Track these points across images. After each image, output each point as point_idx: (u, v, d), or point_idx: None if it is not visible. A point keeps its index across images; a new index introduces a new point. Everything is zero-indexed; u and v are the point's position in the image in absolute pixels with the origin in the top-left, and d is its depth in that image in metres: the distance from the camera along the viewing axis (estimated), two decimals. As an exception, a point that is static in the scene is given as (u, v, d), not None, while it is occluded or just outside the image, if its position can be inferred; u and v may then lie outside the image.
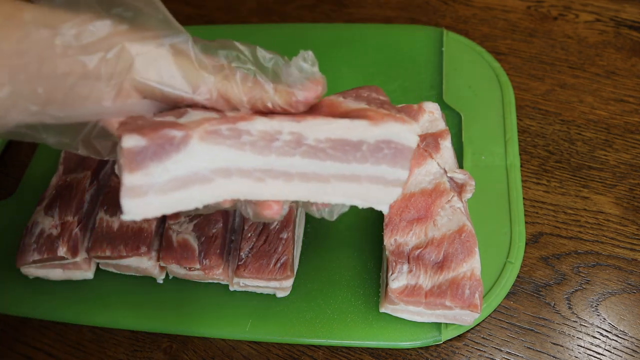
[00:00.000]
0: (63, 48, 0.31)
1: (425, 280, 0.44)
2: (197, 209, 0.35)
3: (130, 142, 0.30)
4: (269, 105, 0.35)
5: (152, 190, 0.31)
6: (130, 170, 0.30)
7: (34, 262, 0.50)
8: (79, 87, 0.32)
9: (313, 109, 0.36)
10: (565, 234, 0.53)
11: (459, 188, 0.48)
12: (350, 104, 0.36)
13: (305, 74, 0.35)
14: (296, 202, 0.39)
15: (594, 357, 0.46)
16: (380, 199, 0.36)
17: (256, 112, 0.35)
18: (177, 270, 0.50)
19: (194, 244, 0.48)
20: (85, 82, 0.32)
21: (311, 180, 0.35)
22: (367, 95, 0.38)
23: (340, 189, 0.36)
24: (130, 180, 0.30)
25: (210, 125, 0.32)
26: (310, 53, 0.35)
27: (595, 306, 0.48)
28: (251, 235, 0.49)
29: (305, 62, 0.35)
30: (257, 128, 0.33)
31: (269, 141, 0.34)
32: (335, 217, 0.39)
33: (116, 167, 0.33)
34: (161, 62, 0.33)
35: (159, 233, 0.51)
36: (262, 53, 0.36)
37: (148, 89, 0.34)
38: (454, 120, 0.59)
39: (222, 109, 0.35)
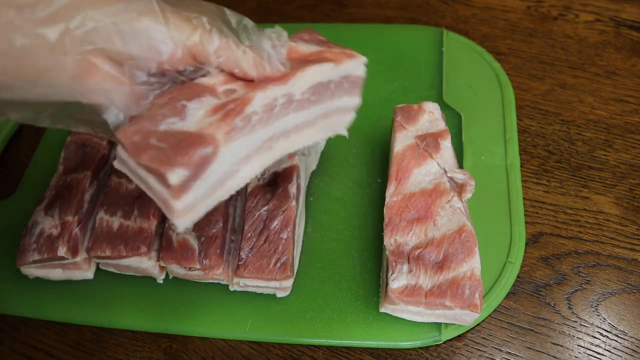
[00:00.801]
0: (21, 21, 0.30)
1: (425, 280, 0.44)
2: None
3: (176, 177, 0.31)
4: (236, 70, 0.36)
5: (197, 202, 0.34)
6: (178, 197, 0.32)
7: (34, 262, 0.50)
8: (42, 61, 0.31)
9: None
10: (565, 234, 0.53)
11: (459, 188, 0.48)
12: (304, 47, 0.41)
13: (276, 52, 0.38)
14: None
15: (594, 357, 0.46)
16: (342, 125, 0.44)
17: (222, 72, 0.37)
18: (177, 270, 0.50)
19: (194, 244, 0.48)
20: (48, 55, 0.31)
21: (303, 128, 0.40)
22: (310, 37, 0.43)
23: (321, 128, 0.42)
24: (179, 205, 0.33)
25: (227, 124, 0.34)
26: (285, 34, 0.39)
27: (595, 306, 0.48)
28: (251, 235, 0.49)
29: (279, 40, 0.38)
30: (260, 103, 0.36)
31: (270, 111, 0.36)
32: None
33: (116, 162, 0.34)
34: (126, 26, 0.32)
35: (159, 233, 0.51)
36: (229, 13, 0.38)
37: (117, 55, 0.33)
38: (454, 120, 0.59)
39: (189, 66, 0.35)
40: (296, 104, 0.38)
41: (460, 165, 0.55)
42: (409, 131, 0.52)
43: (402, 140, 0.51)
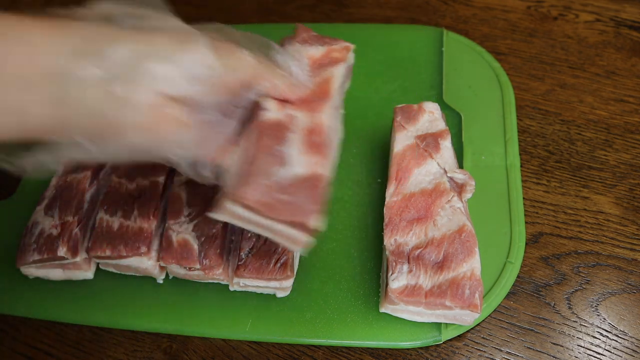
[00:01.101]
0: (91, 80, 0.31)
1: (425, 280, 0.44)
2: None
3: (316, 221, 0.37)
4: (277, 95, 0.39)
5: None
6: (310, 233, 0.37)
7: (34, 262, 0.50)
8: (114, 117, 0.32)
9: None
10: (565, 234, 0.53)
11: (459, 188, 0.48)
12: (313, 51, 0.46)
13: (302, 71, 0.42)
14: None
15: (594, 357, 0.46)
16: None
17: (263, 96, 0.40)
18: (177, 270, 0.50)
19: (194, 244, 0.48)
20: (118, 110, 0.32)
21: (338, 125, 0.44)
22: (309, 37, 0.47)
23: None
24: (308, 238, 0.37)
25: (323, 157, 0.39)
26: (305, 62, 0.44)
27: (595, 306, 0.48)
28: (251, 235, 0.49)
29: (301, 59, 0.44)
30: (328, 125, 0.41)
31: (331, 125, 0.41)
32: None
33: (219, 216, 0.37)
34: (183, 66, 0.33)
35: (159, 233, 0.51)
36: (257, 39, 0.41)
37: (179, 98, 0.34)
38: (454, 120, 0.59)
39: (236, 95, 0.38)
40: (336, 107, 0.43)
41: (460, 165, 0.55)
42: (409, 131, 0.52)
43: (402, 140, 0.51)
